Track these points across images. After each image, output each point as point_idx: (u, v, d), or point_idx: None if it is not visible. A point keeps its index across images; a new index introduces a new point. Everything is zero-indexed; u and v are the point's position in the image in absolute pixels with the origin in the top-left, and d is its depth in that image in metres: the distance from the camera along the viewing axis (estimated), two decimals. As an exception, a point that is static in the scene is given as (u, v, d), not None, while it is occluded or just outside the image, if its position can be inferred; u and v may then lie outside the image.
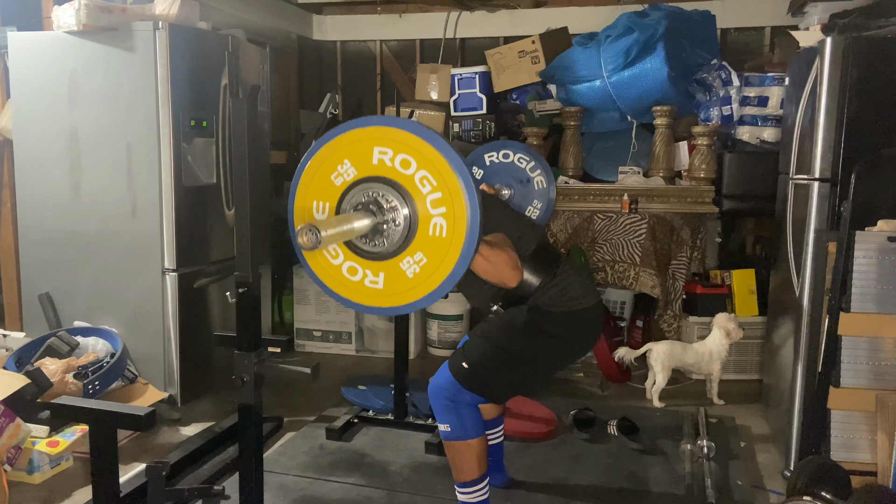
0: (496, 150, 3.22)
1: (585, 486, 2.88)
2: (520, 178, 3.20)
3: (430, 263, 1.69)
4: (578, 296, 2.35)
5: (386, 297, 1.76)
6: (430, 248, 1.68)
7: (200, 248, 3.66)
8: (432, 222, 1.67)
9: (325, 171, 1.75)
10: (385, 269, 1.74)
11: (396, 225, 1.69)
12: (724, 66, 4.32)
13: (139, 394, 3.41)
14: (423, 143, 1.64)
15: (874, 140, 2.73)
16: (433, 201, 1.66)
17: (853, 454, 2.66)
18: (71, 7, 3.38)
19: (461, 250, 1.65)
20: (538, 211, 3.19)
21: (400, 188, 1.67)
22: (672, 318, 4.28)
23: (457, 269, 1.66)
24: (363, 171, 1.71)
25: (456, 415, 2.32)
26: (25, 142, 3.61)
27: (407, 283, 1.72)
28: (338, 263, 1.80)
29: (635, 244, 4.23)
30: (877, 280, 2.60)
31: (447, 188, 1.64)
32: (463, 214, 1.64)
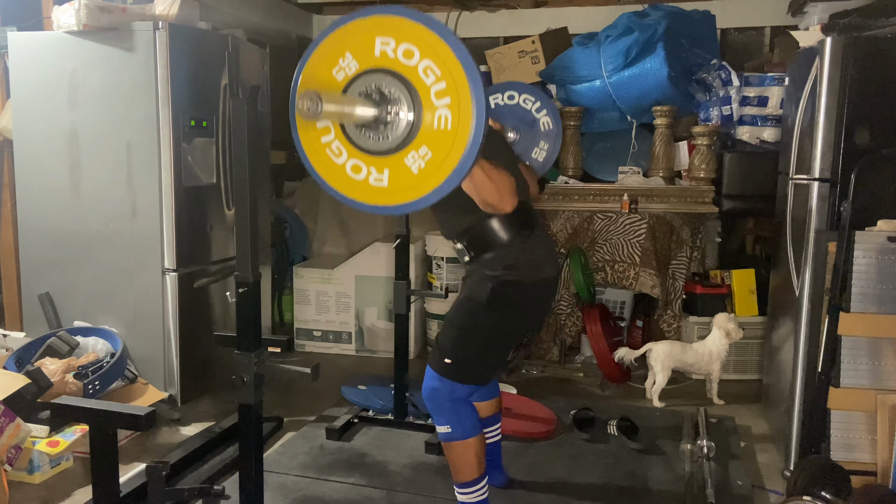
0: (501, 91, 3.14)
1: (585, 486, 2.88)
2: (525, 119, 3.12)
3: (436, 157, 1.62)
4: (538, 265, 2.35)
5: (391, 195, 1.70)
6: (436, 141, 1.61)
7: (200, 248, 3.66)
8: (437, 114, 1.60)
9: (326, 66, 1.69)
10: (389, 165, 1.67)
11: (400, 117, 1.62)
12: (724, 66, 4.31)
13: (139, 394, 3.41)
14: (426, 31, 1.58)
15: (874, 140, 2.73)
16: (437, 92, 1.59)
17: (853, 454, 2.66)
18: (71, 7, 3.38)
19: (467, 142, 1.58)
20: (544, 152, 3.13)
21: (403, 79, 1.61)
22: (672, 318, 4.29)
23: (463, 162, 1.59)
24: (365, 64, 1.65)
25: (454, 414, 2.32)
26: (25, 142, 3.61)
27: (412, 179, 1.66)
28: (341, 162, 1.74)
29: (635, 244, 4.23)
30: (877, 280, 2.60)
31: (452, 78, 1.57)
32: (468, 105, 1.57)
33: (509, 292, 2.31)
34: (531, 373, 4.20)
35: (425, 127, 1.62)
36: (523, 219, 2.35)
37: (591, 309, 4.12)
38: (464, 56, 1.57)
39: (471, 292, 2.36)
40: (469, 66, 1.56)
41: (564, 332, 4.42)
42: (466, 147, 1.59)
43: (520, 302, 2.35)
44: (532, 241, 2.36)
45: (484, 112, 1.57)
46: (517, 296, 2.33)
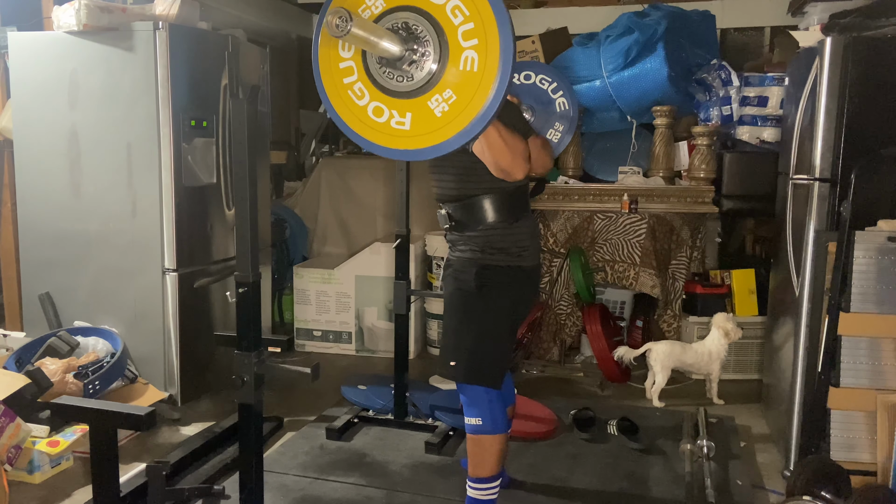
0: (518, 70, 3.11)
1: (585, 486, 2.88)
2: (542, 99, 3.10)
3: (460, 101, 1.58)
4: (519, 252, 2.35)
5: (412, 139, 1.66)
6: (461, 83, 1.57)
7: (200, 248, 3.66)
8: (463, 55, 1.56)
9: (352, 4, 1.64)
10: (412, 108, 1.63)
11: (425, 56, 1.58)
12: (723, 66, 4.32)
13: (139, 394, 3.41)
14: None
15: (874, 140, 2.73)
16: (465, 32, 1.55)
17: (853, 454, 2.66)
18: (71, 7, 3.38)
19: (493, 85, 1.54)
20: (559, 133, 3.10)
21: (430, 17, 1.57)
22: (672, 318, 4.29)
23: (487, 109, 1.55)
24: (392, 1, 1.61)
25: (489, 408, 2.30)
26: (25, 142, 3.61)
27: (435, 122, 1.62)
28: (363, 104, 1.70)
29: (635, 244, 4.23)
30: (877, 280, 2.60)
31: (480, 19, 1.53)
32: (496, 47, 1.53)
33: (491, 275, 2.31)
34: (531, 373, 4.20)
35: (451, 68, 1.58)
36: (515, 203, 2.34)
37: (591, 309, 4.12)
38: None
39: (457, 283, 2.35)
40: (498, 6, 1.52)
41: (564, 332, 4.42)
42: (492, 91, 1.54)
43: (503, 283, 2.34)
44: (517, 228, 2.35)
45: (512, 55, 1.53)
46: (499, 278, 2.32)
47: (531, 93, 3.09)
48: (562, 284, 4.38)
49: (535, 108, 3.09)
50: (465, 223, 2.34)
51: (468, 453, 2.39)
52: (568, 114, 3.08)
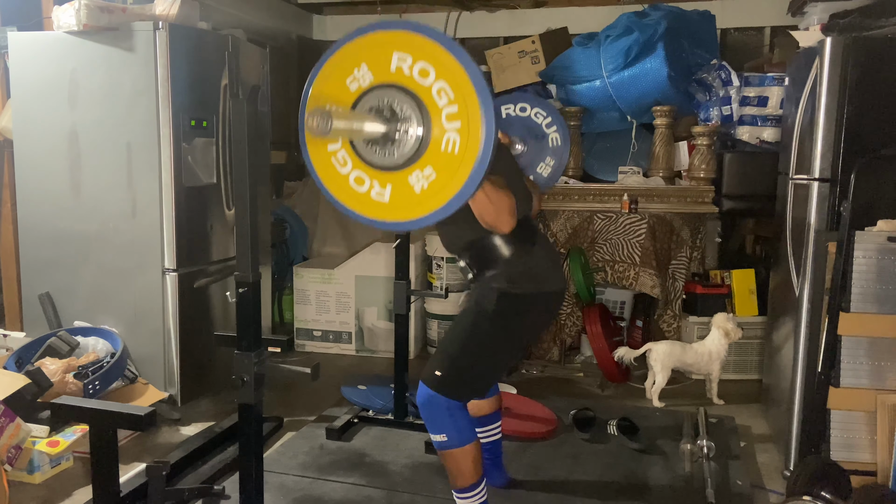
0: (514, 102, 3.14)
1: (585, 485, 2.88)
2: (535, 133, 3.13)
3: (439, 179, 1.61)
4: (543, 278, 2.35)
5: (391, 211, 1.69)
6: (441, 163, 1.60)
7: (200, 248, 3.65)
8: (446, 137, 1.59)
9: (340, 74, 1.67)
10: (393, 181, 1.66)
11: (409, 135, 1.61)
12: (723, 66, 4.32)
13: (139, 394, 3.41)
14: (444, 52, 1.56)
15: (874, 140, 2.73)
16: (449, 115, 1.58)
17: (853, 454, 2.66)
18: (71, 7, 3.38)
19: (472, 169, 1.57)
20: (549, 168, 3.12)
21: (416, 98, 1.60)
22: (672, 318, 4.29)
23: (465, 188, 1.59)
24: (380, 77, 1.64)
25: (451, 424, 2.30)
26: (25, 142, 3.61)
27: (414, 198, 1.65)
28: (345, 172, 1.73)
29: (635, 244, 4.23)
30: (877, 280, 2.60)
31: (464, 103, 1.56)
32: (478, 132, 1.56)
33: (515, 304, 2.31)
34: (531, 373, 4.20)
35: (433, 148, 1.61)
36: (524, 233, 2.35)
37: (591, 309, 4.12)
38: (479, 82, 1.55)
39: (476, 301, 2.36)
40: (484, 93, 1.55)
41: (564, 332, 4.42)
42: (471, 173, 1.58)
43: (524, 313, 2.34)
44: (534, 255, 2.36)
45: (493, 140, 1.56)
46: (522, 307, 2.32)
47: (525, 125, 3.15)
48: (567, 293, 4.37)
49: (528, 141, 3.15)
50: (484, 266, 2.35)
51: (445, 467, 2.40)
52: (560, 150, 3.14)
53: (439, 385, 2.29)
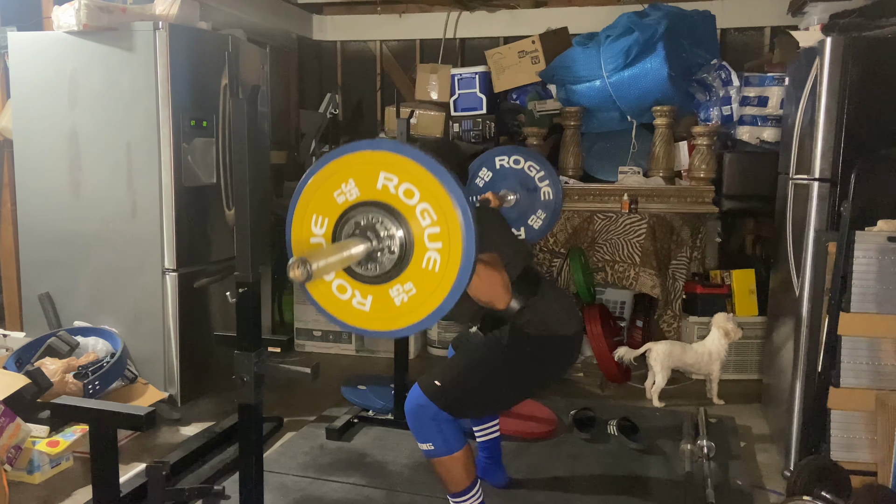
0: (508, 154, 3.24)
1: (585, 486, 2.88)
2: (528, 185, 3.22)
3: (419, 295, 1.69)
4: (558, 322, 2.39)
5: (370, 320, 1.77)
6: (421, 279, 1.68)
7: (200, 248, 3.66)
8: (427, 255, 1.66)
9: (328, 187, 1.74)
10: (374, 292, 1.74)
11: (391, 253, 1.69)
12: (724, 66, 4.32)
13: (139, 394, 3.41)
14: (430, 176, 1.63)
15: (874, 140, 2.73)
16: (431, 235, 1.65)
17: (853, 454, 2.66)
18: (71, 7, 3.38)
19: (450, 287, 1.65)
20: (541, 221, 3.20)
21: (399, 217, 1.67)
22: (672, 318, 4.29)
23: (444, 305, 1.67)
24: (366, 194, 1.70)
25: (437, 432, 2.29)
26: (25, 142, 3.61)
27: (393, 310, 1.73)
28: (329, 279, 1.80)
29: (635, 244, 4.23)
30: (877, 280, 2.60)
31: (447, 225, 1.64)
32: (458, 253, 1.64)
33: (527, 343, 2.33)
34: (531, 373, 4.20)
35: (414, 264, 1.68)
36: (529, 285, 2.38)
37: (591, 309, 4.12)
38: (463, 207, 1.62)
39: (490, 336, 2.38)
40: (466, 218, 1.62)
41: (564, 332, 4.42)
42: (449, 292, 1.66)
43: (534, 354, 2.35)
44: (544, 302, 2.38)
45: (471, 264, 1.63)
46: (532, 348, 2.34)
47: (518, 177, 3.23)
48: (562, 284, 4.38)
49: (520, 193, 3.21)
50: (495, 326, 2.37)
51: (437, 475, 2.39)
52: (551, 203, 3.20)
53: (434, 393, 2.29)
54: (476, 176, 3.28)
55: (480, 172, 3.26)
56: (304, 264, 1.56)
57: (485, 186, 3.24)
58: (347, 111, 5.64)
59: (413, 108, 4.99)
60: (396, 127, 3.51)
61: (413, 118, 4.90)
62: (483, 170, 3.26)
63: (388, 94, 5.56)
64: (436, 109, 5.02)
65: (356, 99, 5.66)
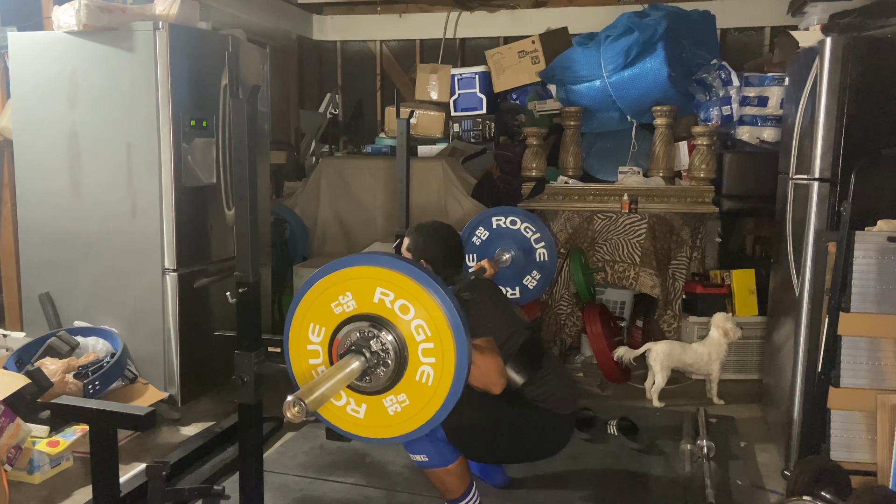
0: (504, 215, 3.31)
1: (585, 485, 2.88)
2: (523, 246, 3.29)
3: (412, 406, 1.73)
4: (558, 400, 2.42)
5: (364, 428, 1.80)
6: (415, 392, 1.72)
7: (200, 248, 3.65)
8: (420, 369, 1.70)
9: (326, 298, 1.78)
10: (368, 402, 1.77)
11: (385, 367, 1.72)
12: (724, 66, 4.32)
13: (139, 394, 3.41)
14: (426, 294, 1.67)
15: (874, 140, 2.73)
16: (424, 350, 1.69)
17: (853, 454, 2.66)
18: (71, 7, 3.38)
19: (443, 400, 1.69)
20: (535, 282, 3.23)
21: (394, 331, 1.70)
22: (672, 318, 4.29)
23: (437, 416, 1.71)
24: (363, 307, 1.74)
25: (430, 444, 2.30)
26: (25, 142, 3.61)
27: (387, 419, 1.76)
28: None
29: (635, 244, 4.23)
30: (877, 280, 2.60)
31: (440, 342, 1.67)
32: (451, 369, 1.67)
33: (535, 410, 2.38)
34: (531, 373, 4.20)
35: (407, 377, 1.72)
36: (532, 358, 2.41)
37: (591, 309, 4.11)
38: (456, 325, 1.66)
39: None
40: (460, 336, 1.66)
41: (564, 332, 4.42)
42: (442, 404, 1.70)
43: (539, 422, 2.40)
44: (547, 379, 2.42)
45: (464, 377, 1.67)
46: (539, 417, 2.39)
47: (514, 238, 3.27)
48: (562, 284, 4.38)
49: (516, 254, 3.25)
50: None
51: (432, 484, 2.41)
52: (546, 265, 3.23)
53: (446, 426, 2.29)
54: (473, 235, 3.31)
55: (477, 232, 3.31)
56: (298, 403, 1.63)
57: (481, 245, 3.27)
58: (347, 111, 5.64)
59: (413, 108, 4.99)
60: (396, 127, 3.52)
61: (413, 118, 4.90)
62: (480, 229, 3.30)
63: (388, 94, 5.56)
64: (436, 109, 5.02)
65: (356, 99, 5.67)
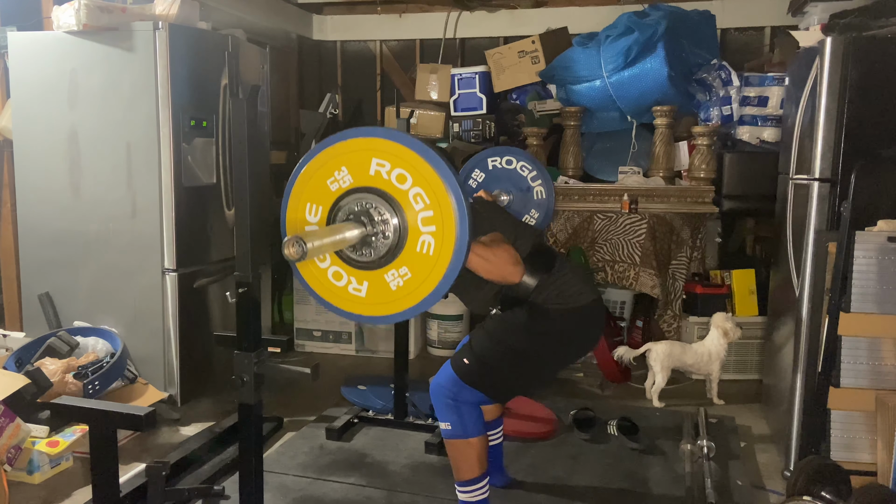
0: (500, 155, 3.23)
1: (585, 486, 2.88)
2: (520, 185, 3.23)
3: (414, 279, 1.70)
4: (576, 293, 2.36)
5: (367, 306, 1.78)
6: (416, 264, 1.69)
7: (200, 248, 3.65)
8: (421, 239, 1.68)
9: (321, 175, 1.76)
10: (369, 278, 1.75)
11: (385, 238, 1.70)
12: (724, 66, 4.32)
13: (139, 394, 3.41)
14: (421, 160, 1.65)
15: (874, 140, 2.73)
16: (424, 219, 1.67)
17: (853, 454, 2.66)
18: (71, 7, 3.38)
19: (446, 270, 1.66)
20: (534, 220, 3.20)
21: (393, 202, 1.68)
22: (672, 318, 4.29)
23: (439, 288, 1.68)
24: (359, 181, 1.72)
25: (456, 413, 2.32)
26: (25, 142, 3.61)
27: (389, 294, 1.74)
28: (324, 267, 1.81)
29: (635, 244, 4.23)
30: (877, 280, 2.60)
31: (439, 208, 1.65)
32: (451, 236, 1.65)
33: (552, 318, 2.32)
34: (531, 373, 4.20)
35: (408, 248, 1.70)
36: (542, 257, 2.37)
37: (591, 309, 4.11)
38: (454, 190, 1.63)
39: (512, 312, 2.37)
40: (458, 199, 1.63)
41: (564, 332, 4.41)
42: (444, 275, 1.67)
43: (556, 331, 2.35)
44: (561, 276, 2.37)
45: (465, 247, 1.65)
46: (553, 324, 2.33)
47: (511, 178, 3.24)
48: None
49: (514, 193, 3.21)
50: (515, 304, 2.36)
51: (449, 458, 2.41)
52: (545, 202, 3.20)
53: (464, 372, 2.31)
54: (469, 178, 3.29)
55: (473, 174, 3.27)
56: (298, 242, 1.57)
57: (477, 187, 3.25)
58: (347, 111, 5.64)
59: (413, 108, 4.99)
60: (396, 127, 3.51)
61: (413, 118, 4.90)
62: (476, 171, 3.27)
63: (388, 94, 5.56)
64: (436, 109, 5.02)
65: (356, 99, 5.66)
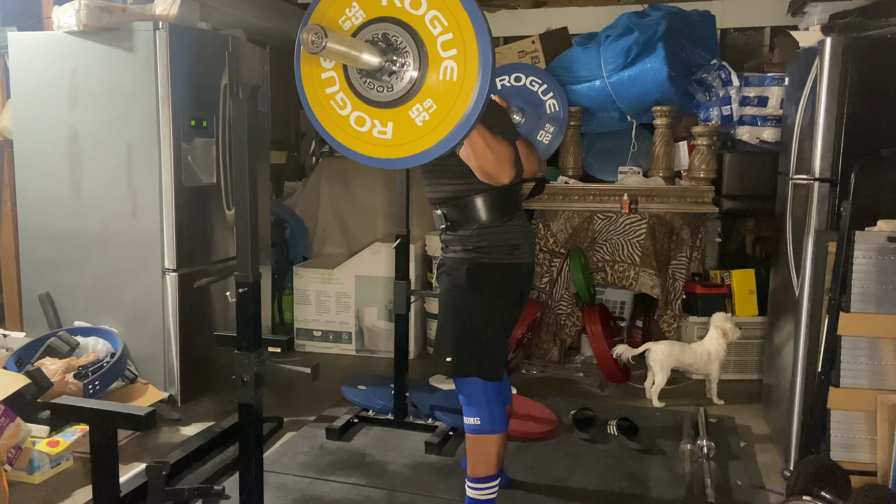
0: (508, 73, 3.11)
1: (585, 486, 2.88)
2: (532, 101, 3.11)
3: (441, 109, 1.60)
4: (513, 250, 2.36)
5: (395, 148, 1.68)
6: (441, 93, 1.59)
7: (200, 248, 3.66)
8: (443, 65, 1.58)
9: (332, 16, 1.66)
10: (394, 117, 1.66)
11: (405, 66, 1.60)
12: (723, 66, 4.31)
13: (139, 394, 3.41)
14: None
15: (874, 140, 2.73)
16: (444, 43, 1.57)
17: (853, 454, 2.66)
18: (71, 7, 3.38)
19: (473, 94, 1.56)
20: (550, 135, 3.11)
21: (409, 28, 1.59)
22: (672, 318, 4.29)
23: (469, 115, 1.57)
24: (372, 13, 1.62)
25: (486, 407, 2.32)
26: (25, 142, 3.61)
27: (416, 131, 1.64)
28: (345, 114, 1.72)
29: (635, 244, 4.23)
30: (877, 280, 2.60)
31: (459, 29, 1.55)
32: (474, 57, 1.55)
33: (483, 272, 2.33)
34: (531, 373, 4.20)
35: (430, 78, 1.60)
36: (506, 202, 2.36)
37: (591, 309, 4.12)
38: (471, 7, 1.54)
39: (451, 280, 2.37)
40: (476, 17, 1.55)
41: (564, 332, 4.42)
42: (472, 99, 1.56)
43: (494, 281, 2.35)
44: (509, 227, 2.37)
45: (490, 65, 1.54)
46: (491, 275, 2.34)
47: (521, 95, 3.11)
48: (562, 284, 4.38)
49: (526, 110, 3.11)
50: (459, 222, 2.36)
51: (467, 453, 2.40)
52: (558, 115, 3.09)
53: (458, 370, 2.32)
54: None
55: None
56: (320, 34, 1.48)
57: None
58: (347, 111, 5.63)
59: (413, 107, 4.98)
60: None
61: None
62: None
63: (389, 95, 5.55)
64: (436, 109, 5.01)
65: (356, 99, 5.66)
